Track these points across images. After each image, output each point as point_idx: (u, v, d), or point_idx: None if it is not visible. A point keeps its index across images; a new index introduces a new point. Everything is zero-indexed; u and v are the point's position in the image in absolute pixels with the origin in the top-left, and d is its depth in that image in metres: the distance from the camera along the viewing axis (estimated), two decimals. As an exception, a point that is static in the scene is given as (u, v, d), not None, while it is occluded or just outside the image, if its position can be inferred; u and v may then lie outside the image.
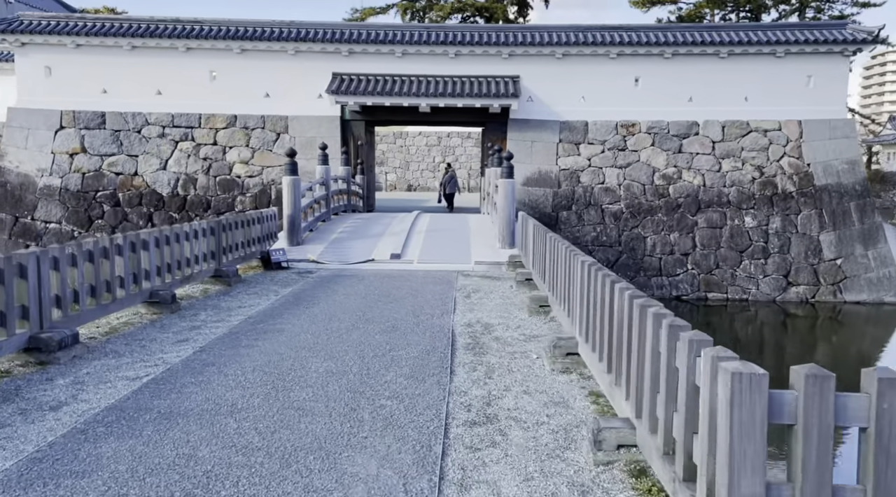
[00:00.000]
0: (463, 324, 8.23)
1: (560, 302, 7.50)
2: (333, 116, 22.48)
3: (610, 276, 5.09)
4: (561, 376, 6.02)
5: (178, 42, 22.06)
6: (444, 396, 5.46)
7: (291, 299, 9.64)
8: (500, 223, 13.95)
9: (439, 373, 6.12)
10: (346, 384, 5.76)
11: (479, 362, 6.53)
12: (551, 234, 8.51)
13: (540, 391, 5.61)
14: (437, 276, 11.75)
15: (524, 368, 6.30)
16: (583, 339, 6.02)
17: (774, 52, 21.14)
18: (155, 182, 22.20)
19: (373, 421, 4.91)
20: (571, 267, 6.58)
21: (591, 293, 5.63)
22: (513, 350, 6.99)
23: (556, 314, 8.20)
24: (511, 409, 5.20)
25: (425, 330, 7.83)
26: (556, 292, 7.89)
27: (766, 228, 21.08)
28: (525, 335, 7.63)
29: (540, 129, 22.12)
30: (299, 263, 12.89)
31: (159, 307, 8.66)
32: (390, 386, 5.72)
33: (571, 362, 6.18)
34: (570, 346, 6.20)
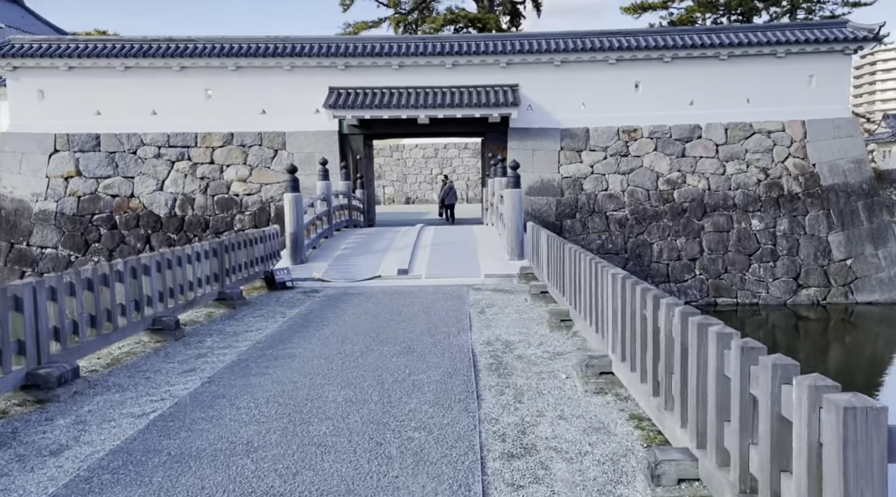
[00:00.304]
0: (482, 342, 7.84)
1: (585, 317, 7.12)
2: (331, 131, 22.17)
3: (651, 290, 4.72)
4: (596, 398, 5.63)
5: (172, 61, 21.77)
6: (475, 425, 5.07)
7: (300, 321, 9.24)
8: (509, 234, 13.60)
9: (465, 398, 5.73)
10: (368, 414, 5.36)
11: (505, 385, 6.14)
12: (571, 246, 8.15)
13: (576, 416, 5.22)
14: (448, 292, 11.37)
15: (555, 390, 5.92)
16: (617, 357, 5.64)
17: (775, 52, 20.93)
18: (152, 203, 21.82)
19: (402, 457, 4.51)
20: (600, 280, 6.21)
21: (627, 309, 5.26)
22: (539, 370, 6.60)
23: (579, 329, 7.82)
24: (549, 437, 4.81)
25: (443, 350, 7.44)
26: (579, 307, 7.51)
27: (773, 231, 20.77)
28: (549, 353, 7.25)
29: (541, 137, 21.83)
30: (304, 282, 12.50)
31: (163, 334, 8.26)
32: (415, 415, 5.33)
33: (605, 382, 5.80)
34: (603, 365, 5.82)
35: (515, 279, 12.26)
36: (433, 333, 8.28)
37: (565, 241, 8.74)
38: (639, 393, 5.00)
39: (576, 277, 7.68)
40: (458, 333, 8.27)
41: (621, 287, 5.45)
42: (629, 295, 5.19)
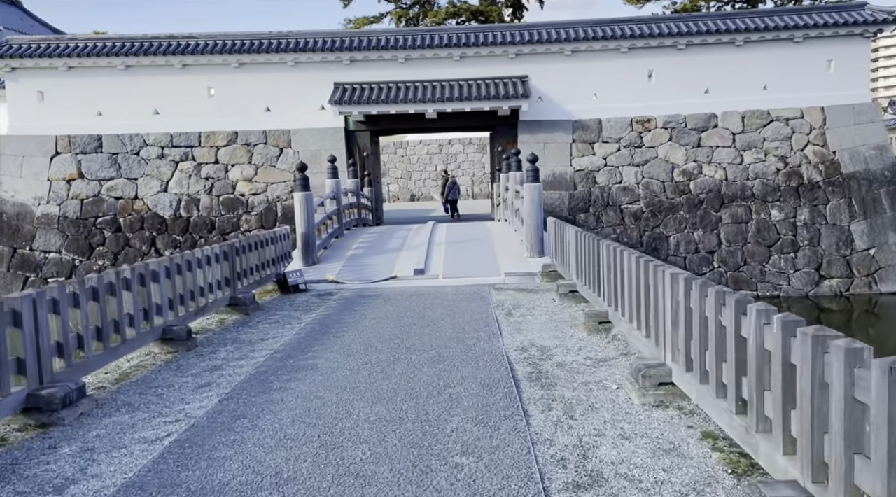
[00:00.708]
0: (516, 348, 7.28)
1: (631, 320, 6.56)
2: (337, 128, 21.60)
3: (730, 294, 4.15)
4: (657, 413, 5.07)
5: (174, 59, 21.19)
6: (529, 448, 4.51)
7: (317, 327, 8.69)
8: (528, 231, 13.02)
9: (511, 414, 5.17)
10: (406, 436, 4.80)
11: (551, 397, 5.58)
12: (608, 242, 7.58)
13: (640, 434, 4.66)
14: (468, 292, 10.81)
15: (608, 403, 5.35)
16: (679, 367, 5.07)
17: (792, 37, 20.28)
18: (156, 205, 21.28)
19: (453, 490, 3.96)
20: (655, 281, 5.64)
21: (695, 315, 4.69)
22: (585, 379, 6.04)
23: (621, 333, 7.25)
24: (615, 461, 4.25)
25: (476, 358, 6.88)
26: (621, 308, 6.94)
27: (793, 221, 20.16)
28: (592, 360, 6.68)
29: (552, 129, 21.24)
30: (318, 285, 11.95)
31: (174, 345, 7.71)
32: (459, 436, 4.77)
33: (665, 394, 5.23)
34: (661, 375, 5.25)
35: (538, 278, 11.69)
36: (462, 339, 7.72)
37: (600, 237, 8.16)
38: (713, 409, 4.43)
39: (616, 277, 7.11)
40: (488, 338, 7.71)
41: (684, 289, 4.88)
42: (698, 299, 4.62)
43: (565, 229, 10.39)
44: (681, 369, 5.06)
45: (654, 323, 5.75)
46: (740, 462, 4.08)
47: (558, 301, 9.67)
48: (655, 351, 5.73)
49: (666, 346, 5.39)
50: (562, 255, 10.88)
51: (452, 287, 11.32)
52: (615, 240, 20.66)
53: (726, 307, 4.15)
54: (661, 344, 5.50)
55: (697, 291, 4.63)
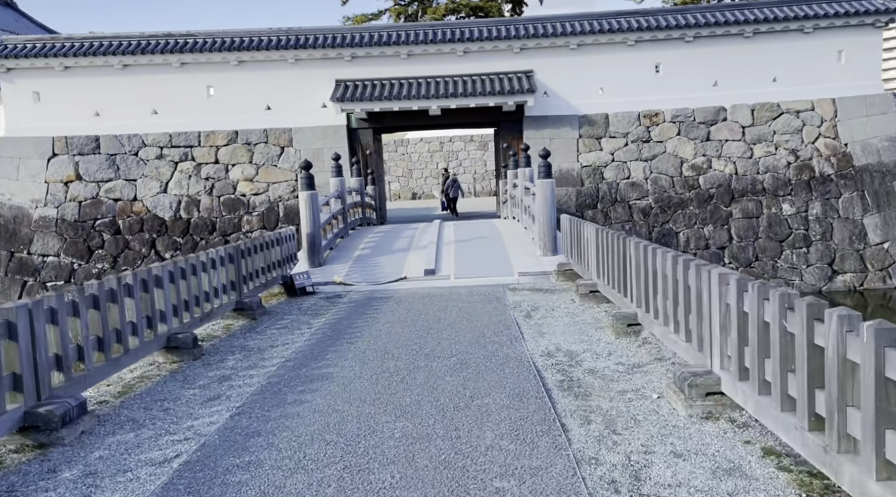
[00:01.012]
0: (541, 353, 6.88)
1: (667, 323, 6.16)
2: (339, 126, 21.18)
3: (799, 298, 3.75)
4: (707, 426, 4.67)
5: (172, 57, 20.75)
6: (574, 468, 4.11)
7: (329, 332, 8.28)
8: (541, 229, 12.62)
9: (548, 429, 4.77)
10: (437, 455, 4.40)
11: (588, 409, 5.18)
12: (636, 240, 7.18)
13: (694, 452, 4.26)
14: (482, 293, 10.41)
15: (651, 415, 4.96)
16: (731, 375, 4.67)
17: (802, 27, 19.88)
18: (156, 206, 20.85)
19: (498, 519, 3.55)
20: (697, 283, 5.24)
21: (752, 320, 4.29)
22: (621, 388, 5.64)
23: (652, 336, 6.86)
24: (673, 484, 3.85)
25: (501, 364, 6.48)
26: (655, 310, 6.55)
27: (805, 215, 19.78)
28: (624, 365, 6.28)
29: (558, 124, 20.83)
30: (325, 287, 11.54)
31: (179, 354, 7.31)
32: (495, 455, 4.37)
33: (714, 405, 4.83)
34: (709, 383, 4.85)
35: (553, 277, 11.29)
36: (483, 344, 7.32)
37: (626, 235, 7.76)
38: (777, 424, 4.03)
39: (648, 277, 6.71)
40: (510, 343, 7.30)
41: (737, 291, 4.48)
42: (755, 303, 4.21)
43: (583, 227, 9.99)
44: (732, 378, 4.66)
45: (697, 327, 5.34)
46: (813, 484, 3.68)
47: (578, 302, 9.27)
48: (699, 357, 5.33)
49: (713, 353, 4.99)
50: (578, 254, 10.48)
51: (465, 288, 10.91)
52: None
53: (794, 312, 3.75)
54: (707, 350, 5.10)
55: (755, 294, 4.23)
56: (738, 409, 4.77)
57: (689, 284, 5.49)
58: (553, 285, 10.86)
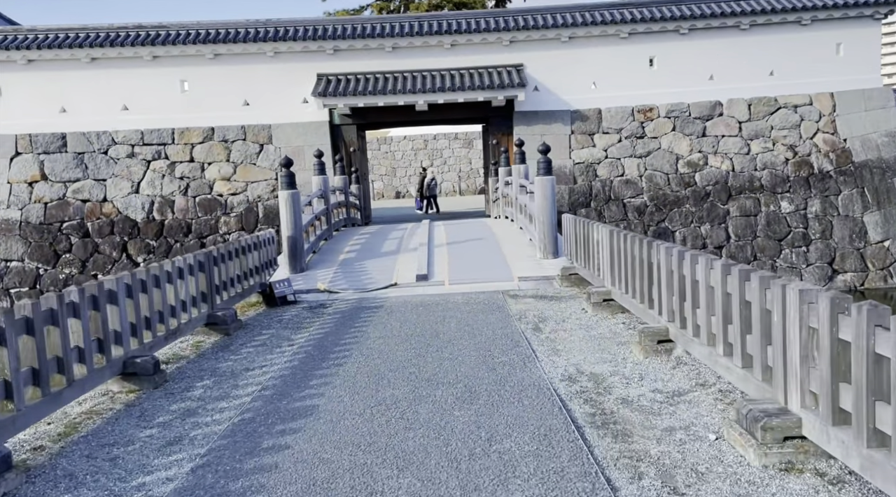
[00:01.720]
0: (561, 377, 5.89)
1: (713, 343, 5.20)
2: (321, 122, 20.05)
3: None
4: (791, 481, 3.70)
5: (143, 50, 19.46)
6: (639, 551, 3.10)
7: (313, 351, 7.21)
8: (541, 229, 11.64)
9: (592, 489, 3.76)
10: (457, 530, 3.38)
11: (634, 455, 4.19)
12: (664, 244, 6.22)
13: (790, 523, 3.28)
14: (481, 301, 9.41)
15: (714, 464, 3.97)
16: (820, 418, 3.70)
17: (800, 19, 19.14)
18: (127, 207, 19.56)
19: None
20: (763, 299, 4.27)
21: (855, 350, 3.32)
22: (667, 424, 4.65)
23: (692, 355, 5.89)
24: (778, 578, 2.86)
25: (517, 393, 5.47)
26: (694, 326, 5.58)
27: (804, 213, 19.05)
28: (663, 393, 5.31)
29: (549, 120, 19.89)
30: (308, 295, 10.45)
31: (138, 381, 6.20)
32: (532, 529, 3.35)
33: (794, 452, 3.87)
34: (788, 425, 3.89)
35: (557, 282, 10.32)
36: (491, 365, 6.30)
37: (651, 238, 6.79)
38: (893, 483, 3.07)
39: (683, 287, 5.74)
40: (523, 364, 6.30)
41: (829, 313, 3.51)
42: (865, 333, 3.24)
43: (592, 228, 9.02)
44: (820, 421, 3.69)
45: (762, 352, 4.38)
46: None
47: (591, 311, 8.29)
48: (765, 389, 4.36)
49: (788, 387, 4.02)
50: (586, 257, 9.51)
51: (462, 295, 9.89)
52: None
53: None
54: (779, 382, 4.13)
55: (864, 320, 3.26)
56: (824, 457, 3.81)
57: (750, 300, 4.52)
58: (557, 291, 9.89)
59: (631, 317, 7.82)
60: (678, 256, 5.85)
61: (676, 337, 6.06)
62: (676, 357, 6.13)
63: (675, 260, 5.89)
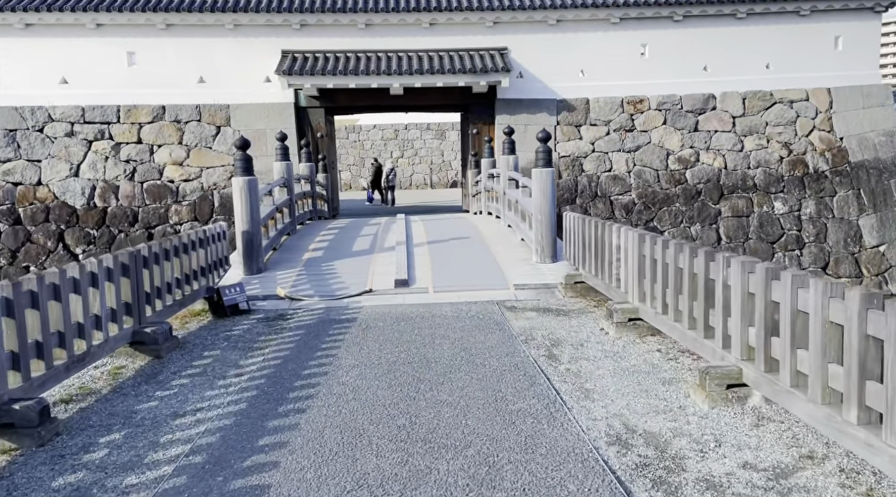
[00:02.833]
0: (607, 438, 4.26)
1: (839, 401, 3.62)
2: (286, 103, 18.11)
3: None
4: None
5: (85, 16, 17.19)
6: None
7: (267, 386, 5.45)
8: (538, 229, 10.03)
9: None
10: None
11: None
12: (740, 259, 4.65)
13: None
14: (475, 314, 7.75)
15: None
16: None
17: (799, 9, 17.93)
18: (65, 192, 17.32)
19: None
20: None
21: None
22: (798, 537, 3.06)
23: (768, 406, 4.33)
24: None
25: (555, 467, 3.83)
26: (794, 375, 4.01)
27: (798, 214, 17.92)
28: (760, 472, 3.72)
29: (534, 109, 18.33)
30: (265, 302, 8.64)
31: (15, 437, 4.38)
32: None
33: None
34: None
35: (559, 292, 8.73)
36: (507, 416, 4.64)
37: (709, 248, 5.22)
38: None
39: (774, 317, 4.18)
40: (549, 415, 4.66)
41: None
42: None
43: (609, 230, 7.44)
44: None
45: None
46: None
47: (613, 333, 6.69)
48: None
49: None
50: (598, 265, 7.93)
51: (450, 306, 8.22)
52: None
53: None
54: None
55: None
56: None
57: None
58: (562, 303, 8.29)
59: (664, 340, 6.28)
60: (766, 275, 4.28)
61: (757, 383, 4.49)
62: (754, 408, 4.57)
63: (762, 279, 4.32)
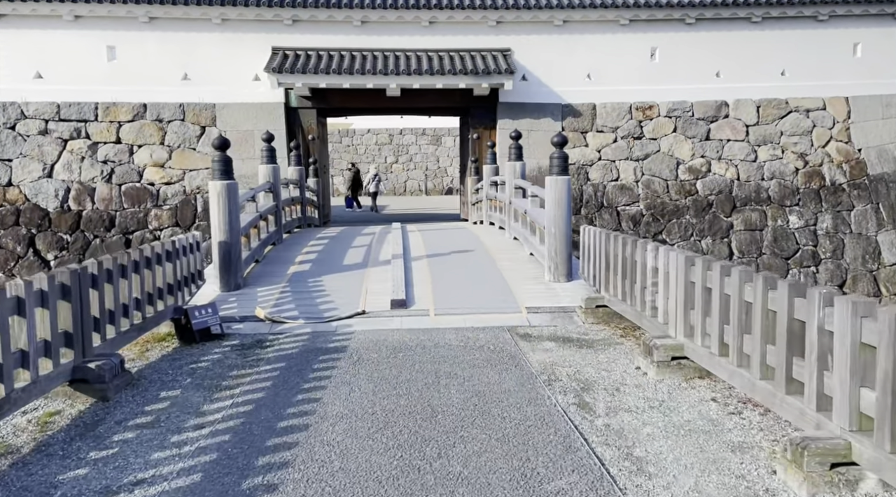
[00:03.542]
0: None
1: None
2: (276, 103, 16.96)
3: None
4: None
5: (62, 7, 15.99)
6: None
7: (231, 446, 4.28)
8: (552, 244, 8.91)
9: None
10: None
11: None
12: (850, 299, 3.54)
13: None
14: (485, 344, 6.62)
15: None
16: None
17: (817, 14, 16.98)
18: (37, 194, 16.08)
19: None
20: None
21: None
22: None
23: None
24: None
25: None
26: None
27: (814, 229, 16.92)
28: None
29: (537, 114, 17.26)
30: (242, 324, 7.47)
31: None
32: None
33: None
34: None
35: (578, 317, 7.62)
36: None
37: (793, 281, 4.12)
38: None
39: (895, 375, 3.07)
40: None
41: None
42: None
43: (641, 249, 6.32)
44: None
45: None
46: None
47: (654, 374, 5.56)
48: None
49: None
50: (626, 287, 6.82)
51: (455, 332, 7.08)
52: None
53: None
54: None
55: None
56: None
57: None
58: (583, 331, 7.17)
59: (716, 384, 5.18)
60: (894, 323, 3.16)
61: (876, 464, 3.37)
62: (867, 495, 3.44)
63: (891, 328, 3.21)
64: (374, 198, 25.21)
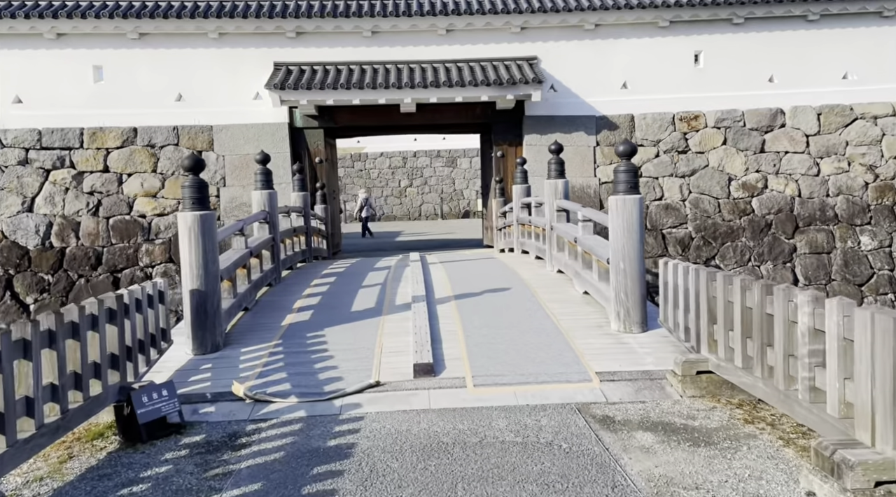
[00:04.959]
0: None
1: None
2: (279, 124, 15.10)
3: None
4: None
5: (42, 24, 14.31)
6: None
7: None
8: (622, 282, 6.78)
9: None
10: None
11: None
12: None
13: None
14: (551, 439, 4.51)
15: None
16: None
17: (882, 9, 14.89)
18: (15, 230, 14.26)
19: None
20: None
21: None
22: None
23: None
24: None
25: None
26: None
27: (889, 251, 14.64)
28: None
29: (568, 127, 15.24)
30: (213, 407, 5.40)
31: None
32: None
33: None
34: None
35: (672, 386, 5.48)
36: None
37: None
38: None
39: None
40: None
41: None
42: None
43: (785, 299, 4.21)
44: None
45: None
46: None
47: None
48: None
49: None
50: (744, 349, 4.67)
51: (503, 414, 4.97)
52: (656, 276, 14.81)
53: None
54: None
55: None
56: None
57: None
58: (686, 410, 5.03)
59: None
60: None
61: None
62: None
63: None
64: (364, 223, 23.97)
